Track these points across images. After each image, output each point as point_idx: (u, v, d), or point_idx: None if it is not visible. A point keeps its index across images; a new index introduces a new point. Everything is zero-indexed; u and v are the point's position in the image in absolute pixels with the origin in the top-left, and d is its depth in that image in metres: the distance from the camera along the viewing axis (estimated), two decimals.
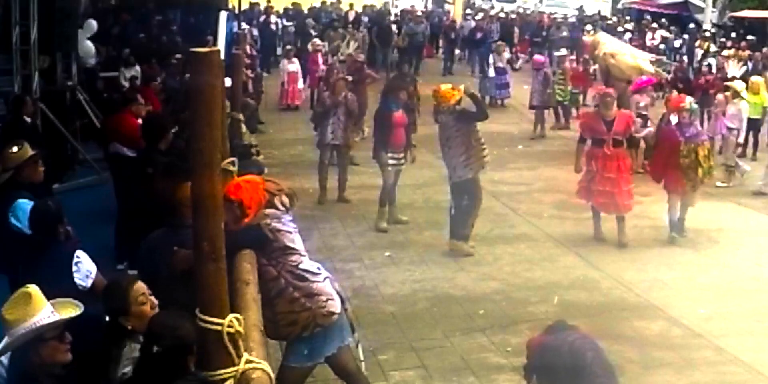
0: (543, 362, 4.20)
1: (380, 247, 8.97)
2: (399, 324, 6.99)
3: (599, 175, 9.04)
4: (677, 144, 9.16)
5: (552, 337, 4.22)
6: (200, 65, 2.52)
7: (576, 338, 4.15)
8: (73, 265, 4.59)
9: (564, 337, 4.16)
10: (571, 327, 4.34)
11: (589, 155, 9.25)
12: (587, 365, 3.99)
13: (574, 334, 4.20)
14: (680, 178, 9.17)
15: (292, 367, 4.69)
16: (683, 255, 8.89)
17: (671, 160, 9.21)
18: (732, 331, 6.92)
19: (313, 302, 4.54)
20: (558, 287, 7.84)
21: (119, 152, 8.29)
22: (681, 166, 9.12)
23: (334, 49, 19.82)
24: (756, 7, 27.42)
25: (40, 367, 3.31)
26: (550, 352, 4.13)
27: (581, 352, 4.04)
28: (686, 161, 9.12)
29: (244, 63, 10.94)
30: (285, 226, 4.54)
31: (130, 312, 3.72)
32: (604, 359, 4.12)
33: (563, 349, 4.07)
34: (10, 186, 5.69)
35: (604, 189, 9.03)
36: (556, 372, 4.11)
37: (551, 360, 4.11)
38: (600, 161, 9.06)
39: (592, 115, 9.70)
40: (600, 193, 9.07)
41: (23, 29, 10.37)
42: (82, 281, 4.55)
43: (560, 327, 4.37)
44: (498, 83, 18.43)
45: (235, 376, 2.61)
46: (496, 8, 30.55)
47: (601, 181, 9.04)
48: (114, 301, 3.77)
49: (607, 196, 9.05)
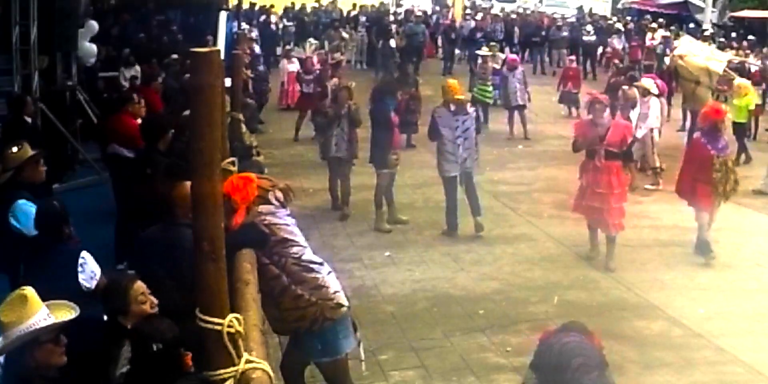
0: (536, 359, 4.20)
1: (380, 247, 8.97)
2: (399, 324, 6.99)
3: (590, 189, 8.38)
4: (708, 158, 8.59)
5: (557, 335, 4.21)
6: (200, 65, 2.52)
7: (572, 341, 4.12)
8: (78, 266, 4.57)
9: (562, 337, 4.15)
10: (584, 330, 4.31)
11: (581, 167, 8.61)
12: (570, 370, 3.95)
13: (575, 337, 4.18)
14: (711, 193, 8.63)
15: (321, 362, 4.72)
16: (683, 255, 8.89)
17: (701, 175, 8.62)
18: (732, 331, 6.93)
19: (319, 295, 4.50)
20: (558, 287, 7.84)
21: (117, 153, 8.28)
22: (713, 181, 8.58)
23: (333, 49, 19.84)
24: (756, 7, 27.45)
25: (34, 370, 3.30)
26: (545, 350, 4.13)
27: (569, 355, 4.01)
28: (718, 175, 8.60)
29: (244, 63, 10.93)
30: (281, 220, 4.54)
31: (129, 311, 3.72)
32: (597, 369, 4.08)
33: (554, 348, 4.07)
34: (10, 186, 5.69)
35: (593, 205, 8.38)
36: (544, 370, 4.11)
37: (543, 358, 4.11)
38: (591, 174, 8.38)
39: (586, 123, 8.79)
40: (590, 209, 8.47)
41: (23, 29, 10.37)
42: (86, 282, 4.54)
43: (570, 327, 4.35)
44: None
45: (235, 376, 2.61)
46: (496, 8, 30.58)
47: (591, 196, 8.38)
48: (114, 301, 3.78)
49: (597, 213, 8.41)
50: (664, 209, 9.68)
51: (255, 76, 15.84)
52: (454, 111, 9.31)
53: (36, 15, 10.50)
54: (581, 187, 8.59)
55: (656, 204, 10.57)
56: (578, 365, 3.97)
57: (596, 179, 8.31)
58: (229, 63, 8.24)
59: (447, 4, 32.21)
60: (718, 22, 27.93)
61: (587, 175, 8.45)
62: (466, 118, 9.36)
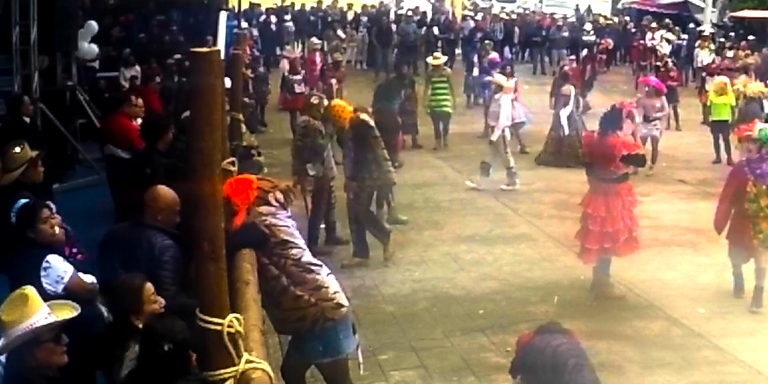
0: (526, 362, 4.21)
1: (380, 247, 8.94)
2: (399, 324, 6.99)
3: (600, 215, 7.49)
4: (744, 184, 7.35)
5: (540, 337, 4.22)
6: (200, 65, 2.52)
7: (562, 343, 4.13)
8: (41, 271, 4.44)
9: (550, 340, 4.15)
10: (563, 330, 4.33)
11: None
12: (567, 372, 3.97)
13: (562, 339, 4.19)
14: (746, 227, 7.32)
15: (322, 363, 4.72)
16: (683, 255, 8.89)
17: (737, 204, 7.42)
18: (732, 331, 6.93)
19: (319, 295, 4.50)
20: (558, 287, 7.84)
21: (113, 154, 8.26)
22: (747, 212, 7.31)
23: (333, 49, 19.83)
24: (756, 7, 27.43)
25: (35, 369, 3.30)
26: (533, 353, 4.14)
27: (564, 358, 4.03)
28: (753, 207, 7.27)
29: (244, 63, 10.93)
30: (281, 221, 4.54)
31: (142, 311, 3.72)
32: (587, 368, 4.10)
33: (547, 352, 4.08)
34: (12, 186, 5.69)
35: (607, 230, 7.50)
36: (537, 374, 4.11)
37: (534, 361, 4.12)
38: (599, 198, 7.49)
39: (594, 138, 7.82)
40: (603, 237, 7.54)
41: (23, 29, 10.36)
42: (51, 286, 4.41)
43: (552, 328, 4.37)
44: (483, 82, 18.49)
45: (235, 376, 2.61)
46: (496, 8, 30.57)
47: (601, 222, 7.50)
48: (127, 300, 3.77)
49: (608, 239, 7.50)
50: (664, 209, 9.68)
51: (254, 77, 15.83)
52: None
53: (36, 15, 10.49)
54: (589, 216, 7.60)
55: (656, 204, 10.56)
56: (573, 366, 4.01)
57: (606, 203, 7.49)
58: (229, 63, 8.26)
59: (445, 5, 32.20)
60: (718, 22, 27.93)
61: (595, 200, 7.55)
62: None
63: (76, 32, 12.22)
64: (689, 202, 10.98)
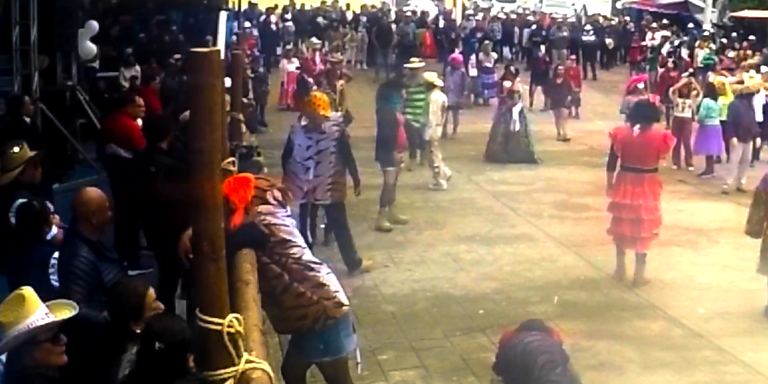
0: (500, 359, 4.21)
1: (380, 247, 8.97)
2: (399, 324, 6.99)
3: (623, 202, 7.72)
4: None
5: (517, 335, 4.22)
6: (200, 65, 2.52)
7: (535, 340, 4.13)
8: (49, 267, 4.53)
9: (524, 337, 4.16)
10: (544, 328, 4.33)
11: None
12: (537, 368, 3.97)
13: (536, 336, 4.19)
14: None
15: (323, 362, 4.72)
16: (683, 255, 8.89)
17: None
18: (732, 331, 6.93)
19: (320, 293, 4.49)
20: (558, 287, 7.84)
21: (115, 153, 8.26)
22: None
23: (333, 49, 19.85)
24: (756, 7, 27.44)
25: (33, 369, 3.29)
26: (507, 350, 4.15)
27: (533, 354, 4.03)
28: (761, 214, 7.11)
29: (244, 63, 10.93)
30: (280, 220, 4.54)
31: (143, 317, 3.71)
32: (562, 366, 4.09)
33: (518, 348, 4.08)
34: (11, 186, 5.69)
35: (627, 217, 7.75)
36: (510, 371, 4.12)
37: (506, 358, 4.12)
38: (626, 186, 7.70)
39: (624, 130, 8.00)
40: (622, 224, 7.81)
41: (23, 29, 10.36)
42: (57, 283, 4.48)
43: (531, 325, 4.37)
44: (484, 82, 18.54)
45: (235, 376, 2.60)
46: (496, 8, 30.56)
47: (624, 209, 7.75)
48: (128, 305, 3.76)
49: (628, 228, 7.77)
50: (664, 209, 9.61)
51: (254, 77, 15.84)
52: (307, 127, 7.94)
53: (36, 15, 10.49)
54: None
55: None
56: (544, 363, 4.01)
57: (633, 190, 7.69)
58: (229, 63, 8.26)
59: (446, 5, 32.20)
60: (718, 22, 27.93)
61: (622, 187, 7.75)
62: (322, 138, 7.84)
63: (76, 32, 12.23)
64: (689, 202, 10.99)
